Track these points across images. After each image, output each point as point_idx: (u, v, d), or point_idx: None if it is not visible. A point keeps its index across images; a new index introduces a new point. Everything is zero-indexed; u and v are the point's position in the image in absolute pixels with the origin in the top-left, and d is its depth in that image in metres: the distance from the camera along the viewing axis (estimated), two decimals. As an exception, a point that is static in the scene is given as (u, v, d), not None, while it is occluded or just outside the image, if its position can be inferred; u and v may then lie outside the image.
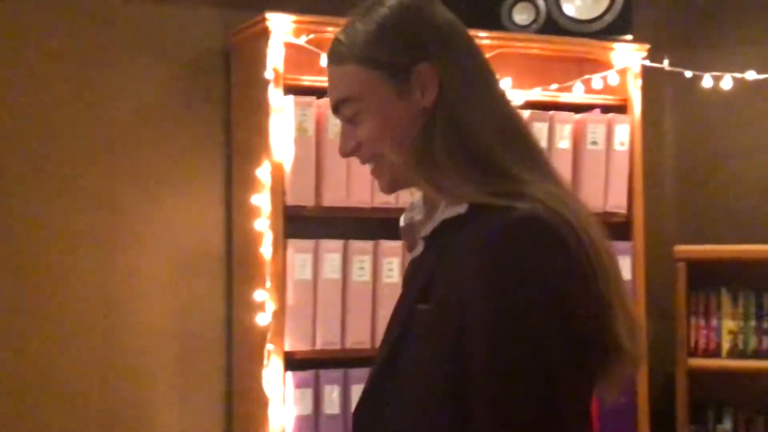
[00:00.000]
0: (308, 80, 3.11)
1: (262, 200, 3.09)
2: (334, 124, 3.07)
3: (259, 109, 3.10)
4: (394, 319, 1.66)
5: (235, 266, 3.34)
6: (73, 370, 3.22)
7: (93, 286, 3.24)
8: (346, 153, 1.66)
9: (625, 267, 3.51)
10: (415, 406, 1.53)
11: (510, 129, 1.61)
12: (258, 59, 3.10)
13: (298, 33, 3.07)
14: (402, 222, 1.74)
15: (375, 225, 3.19)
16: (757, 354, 3.74)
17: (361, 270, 3.13)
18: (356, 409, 1.65)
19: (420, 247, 1.64)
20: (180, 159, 3.36)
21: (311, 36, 3.08)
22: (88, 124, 3.26)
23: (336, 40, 1.64)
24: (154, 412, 3.33)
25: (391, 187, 1.66)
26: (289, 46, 3.07)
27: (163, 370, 3.33)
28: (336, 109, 1.65)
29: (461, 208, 1.54)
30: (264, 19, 3.05)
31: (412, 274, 1.67)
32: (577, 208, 1.55)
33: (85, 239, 3.24)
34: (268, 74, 3.03)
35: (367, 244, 3.13)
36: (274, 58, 3.05)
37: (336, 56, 1.63)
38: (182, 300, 3.34)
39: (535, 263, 1.46)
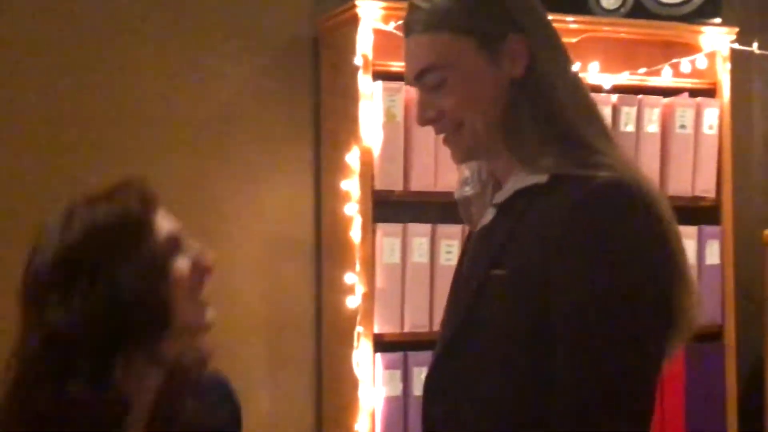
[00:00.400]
0: (397, 66, 3.14)
1: (351, 185, 3.13)
2: (423, 110, 3.10)
3: (348, 95, 3.15)
4: (461, 286, 1.71)
5: (325, 250, 3.39)
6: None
7: (187, 272, 3.33)
8: (425, 121, 1.67)
9: (714, 251, 3.50)
10: (499, 364, 1.57)
11: (586, 102, 1.67)
12: (347, 46, 3.15)
13: (386, 19, 3.11)
14: (456, 196, 1.78)
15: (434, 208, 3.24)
16: None
17: (448, 254, 3.16)
18: (430, 373, 1.69)
19: (489, 215, 1.67)
20: (269, 145, 3.42)
21: (399, 22, 3.10)
22: (180, 113, 3.33)
23: (416, 8, 1.64)
24: (246, 395, 3.37)
25: (466, 156, 1.69)
26: (378, 33, 3.11)
27: (255, 354, 3.41)
28: (419, 77, 1.64)
29: (542, 177, 1.58)
30: (354, 6, 3.09)
31: (480, 242, 1.70)
32: (648, 179, 1.60)
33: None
34: (358, 60, 3.07)
35: (455, 228, 3.15)
36: (364, 45, 3.09)
37: (420, 24, 1.62)
38: (273, 284, 3.40)
39: (624, 225, 1.51)
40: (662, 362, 1.56)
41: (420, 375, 3.13)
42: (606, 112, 3.36)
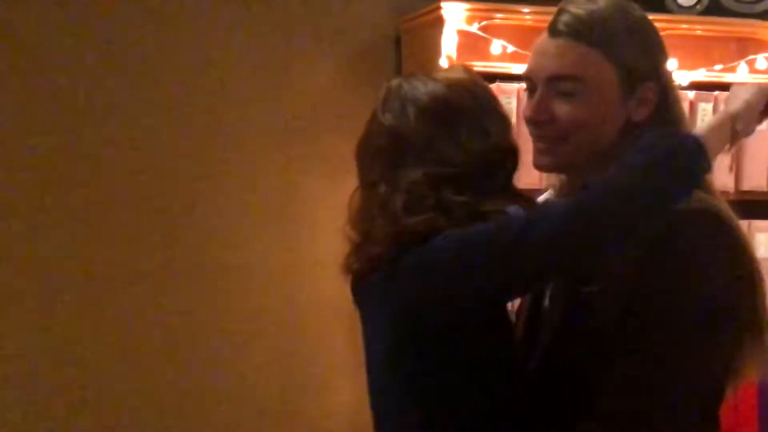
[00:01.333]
0: (479, 66, 3.20)
1: (435, 182, 3.20)
2: (506, 108, 3.16)
3: (433, 94, 3.21)
4: (542, 303, 1.76)
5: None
6: (256, 349, 3.45)
7: (274, 267, 3.44)
8: (535, 120, 1.67)
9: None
10: (598, 372, 1.60)
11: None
12: (431, 46, 3.23)
13: (470, 20, 3.18)
14: None
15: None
16: None
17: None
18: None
19: None
20: (352, 141, 3.48)
21: (483, 23, 3.18)
22: (264, 112, 3.44)
23: (573, 14, 1.65)
24: (329, 389, 3.51)
25: (554, 167, 1.73)
26: (462, 33, 3.18)
27: (338, 341, 3.50)
28: (553, 79, 1.65)
29: None
30: (438, 8, 3.16)
31: None
32: (728, 209, 1.68)
33: (266, 221, 3.42)
34: (443, 61, 3.14)
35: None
36: (449, 46, 3.16)
37: (575, 32, 1.64)
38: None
39: (707, 247, 1.58)
40: (726, 381, 1.63)
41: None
42: (683, 109, 3.41)
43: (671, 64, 3.36)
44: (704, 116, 3.44)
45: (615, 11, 1.66)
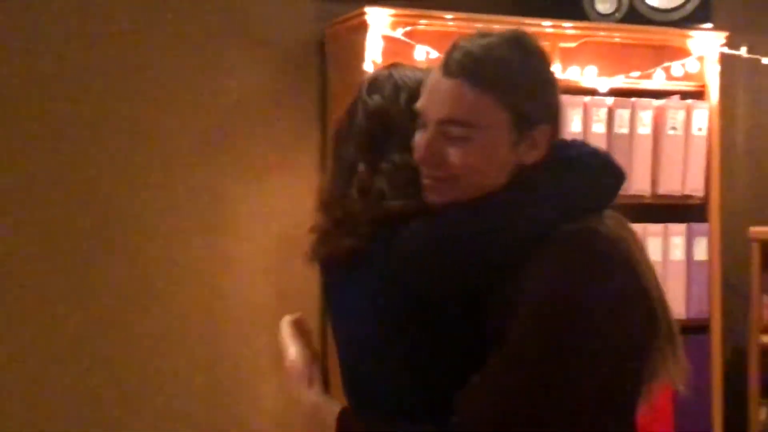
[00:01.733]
0: (403, 71, 3.25)
1: (359, 186, 3.23)
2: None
3: (357, 99, 3.24)
4: None
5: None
6: (179, 351, 3.42)
7: (197, 272, 3.43)
8: (428, 162, 1.62)
9: (702, 247, 3.64)
10: None
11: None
12: (355, 51, 3.25)
13: (394, 26, 3.21)
14: None
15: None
16: (828, 331, 3.86)
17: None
18: None
19: None
20: (277, 146, 3.51)
21: (407, 29, 3.22)
22: (188, 116, 3.42)
23: (470, 56, 1.59)
24: (255, 392, 3.51)
25: (442, 202, 1.64)
26: (386, 39, 3.21)
27: (263, 346, 3.50)
28: (444, 122, 1.60)
29: None
30: (363, 13, 3.19)
31: None
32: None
33: (190, 228, 3.42)
34: (367, 66, 3.17)
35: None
36: (373, 51, 3.18)
37: (470, 74, 1.58)
38: (281, 283, 3.50)
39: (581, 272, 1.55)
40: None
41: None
42: (602, 115, 3.49)
43: (590, 71, 3.48)
44: (621, 123, 3.52)
45: (510, 49, 1.61)
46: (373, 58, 3.18)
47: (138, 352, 3.36)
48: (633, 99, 3.55)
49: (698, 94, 3.66)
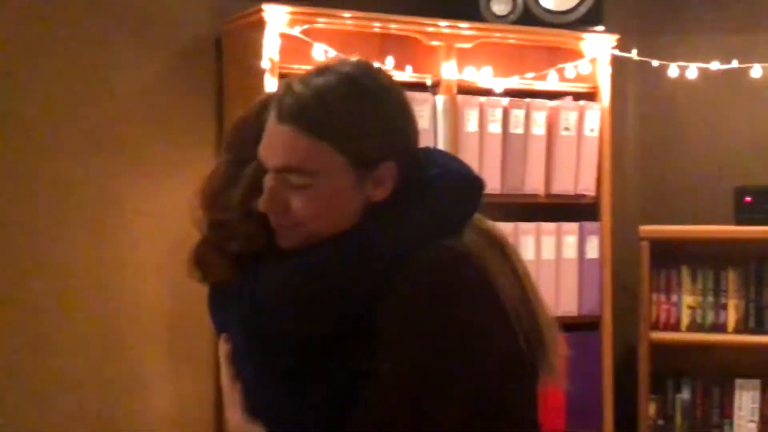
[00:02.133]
0: (300, 69, 3.22)
1: (256, 184, 3.20)
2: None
3: (254, 97, 3.15)
4: None
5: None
6: (71, 353, 3.34)
7: (88, 272, 3.35)
8: (272, 210, 1.58)
9: (593, 246, 3.71)
10: None
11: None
12: (253, 48, 3.22)
13: (292, 24, 3.19)
14: None
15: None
16: (715, 328, 3.96)
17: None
18: None
19: None
20: (171, 145, 3.46)
21: (305, 26, 3.20)
22: (79, 113, 3.34)
23: (301, 101, 1.54)
24: (148, 392, 3.46)
25: (291, 246, 1.60)
26: (283, 36, 3.19)
27: (156, 348, 3.46)
28: (282, 171, 1.56)
29: None
30: (260, 10, 3.16)
31: None
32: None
33: (81, 227, 3.34)
34: (264, 64, 3.15)
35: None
36: (270, 48, 3.17)
37: (304, 121, 1.54)
38: (174, 284, 3.45)
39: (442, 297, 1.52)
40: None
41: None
42: (497, 115, 3.53)
43: (486, 71, 3.52)
44: (516, 123, 3.57)
45: (345, 91, 1.55)
46: (270, 56, 3.16)
47: (28, 353, 3.28)
48: (528, 100, 3.60)
49: (590, 96, 3.74)
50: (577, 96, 3.72)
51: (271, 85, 3.15)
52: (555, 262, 3.65)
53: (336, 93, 1.55)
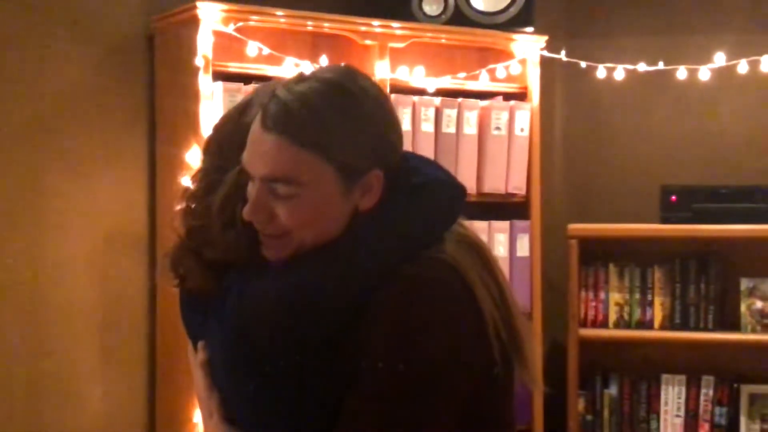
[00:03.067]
0: (235, 67, 3.24)
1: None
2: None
3: (187, 94, 3.20)
4: None
5: (160, 245, 3.43)
6: (1, 351, 3.28)
7: (17, 266, 3.30)
8: (257, 219, 1.57)
9: (524, 244, 3.76)
10: None
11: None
12: (186, 45, 3.21)
13: (226, 21, 3.18)
14: None
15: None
16: (641, 324, 4.03)
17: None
18: None
19: None
20: (103, 141, 3.43)
21: (239, 24, 3.20)
22: (9, 108, 3.29)
23: (286, 109, 1.52)
24: (78, 388, 3.41)
25: (278, 258, 1.60)
26: (217, 34, 3.18)
27: (88, 347, 3.42)
28: (268, 180, 1.54)
29: None
30: (194, 7, 3.15)
31: None
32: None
33: (9, 221, 3.29)
34: (198, 61, 3.13)
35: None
36: (204, 46, 3.15)
37: (290, 131, 1.52)
38: (106, 279, 3.42)
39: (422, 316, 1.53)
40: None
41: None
42: (430, 115, 3.56)
43: (418, 71, 3.55)
44: (449, 122, 3.60)
45: (330, 98, 1.54)
46: (204, 53, 3.14)
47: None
48: (459, 99, 3.63)
49: (520, 96, 3.78)
50: (508, 96, 3.76)
51: (204, 82, 3.14)
52: (486, 261, 3.67)
53: (321, 100, 1.53)
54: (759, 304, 3.95)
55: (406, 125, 3.51)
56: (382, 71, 3.46)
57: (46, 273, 3.35)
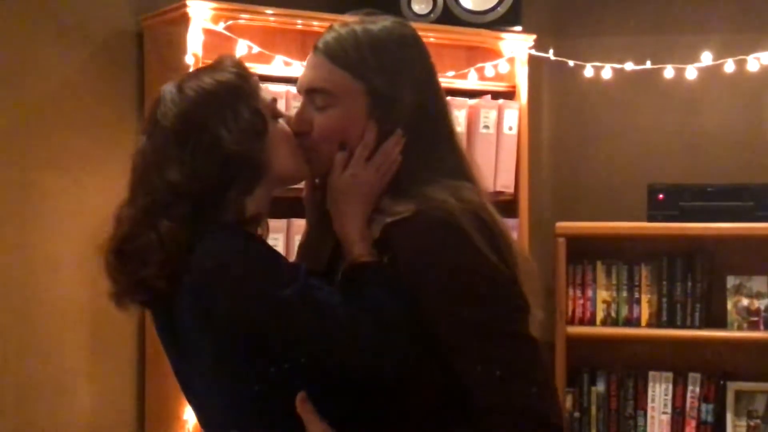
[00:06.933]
0: (225, 65, 3.24)
1: (179, 180, 3.19)
2: (251, 108, 3.22)
3: (177, 92, 3.20)
4: None
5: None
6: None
7: (6, 266, 3.30)
8: (299, 129, 1.79)
9: (512, 243, 3.77)
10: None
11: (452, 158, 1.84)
12: (176, 44, 3.21)
13: (216, 19, 3.19)
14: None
15: (288, 204, 3.34)
16: (628, 322, 4.06)
17: (274, 246, 3.27)
18: None
19: None
20: (93, 139, 3.43)
21: (229, 22, 3.20)
22: (3, 108, 3.29)
23: (337, 37, 1.78)
24: (69, 385, 3.42)
25: (316, 173, 1.83)
26: (207, 32, 3.18)
27: (78, 344, 3.43)
28: (309, 92, 1.79)
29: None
30: (184, 5, 3.15)
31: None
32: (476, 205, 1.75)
33: (2, 224, 3.30)
34: (189, 59, 3.14)
35: (281, 223, 3.30)
36: (194, 44, 3.15)
37: (334, 56, 1.76)
38: (97, 277, 3.38)
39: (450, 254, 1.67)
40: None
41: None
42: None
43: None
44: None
45: (377, 33, 1.78)
46: (194, 51, 3.15)
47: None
48: (448, 98, 3.62)
49: (509, 94, 3.79)
50: (496, 95, 3.77)
51: (194, 80, 3.14)
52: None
53: (364, 32, 1.78)
54: (745, 301, 3.98)
55: (395, 123, 3.51)
56: (371, 70, 3.47)
57: (36, 272, 3.35)
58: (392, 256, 1.70)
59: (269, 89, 3.26)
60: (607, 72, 3.86)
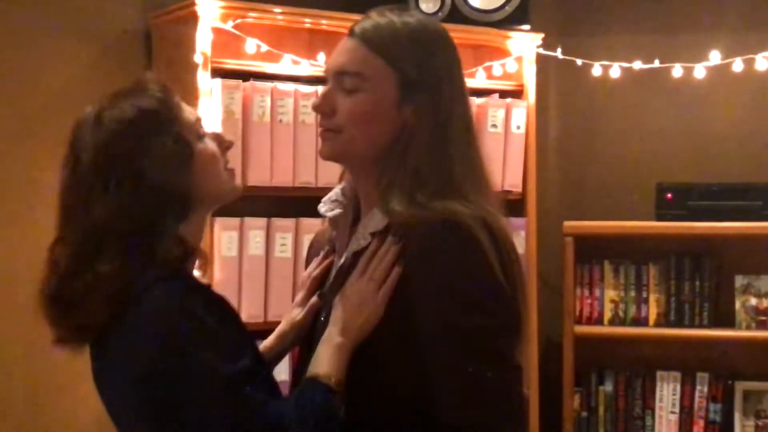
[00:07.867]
0: (233, 64, 3.23)
1: (188, 179, 3.19)
2: (260, 107, 3.22)
3: (187, 91, 3.17)
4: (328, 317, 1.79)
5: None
6: (2, 348, 3.29)
7: (14, 263, 3.29)
8: (321, 110, 1.79)
9: (520, 242, 3.75)
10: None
11: (470, 161, 1.82)
12: (185, 42, 3.20)
13: (225, 18, 3.18)
14: (328, 214, 1.90)
15: (296, 204, 3.35)
16: (636, 321, 4.06)
17: (283, 246, 3.28)
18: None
19: (362, 242, 1.79)
20: (99, 137, 3.42)
21: (237, 21, 3.20)
22: (5, 105, 3.29)
23: (373, 24, 1.78)
24: (76, 385, 3.40)
25: (331, 157, 1.82)
26: (216, 31, 3.17)
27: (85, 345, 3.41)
28: (338, 74, 1.78)
29: (379, 224, 1.76)
30: (193, 4, 3.14)
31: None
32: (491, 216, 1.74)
33: (6, 217, 3.29)
34: (197, 58, 3.13)
35: (289, 222, 3.29)
36: (203, 43, 3.15)
37: (369, 41, 1.76)
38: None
39: (456, 261, 1.67)
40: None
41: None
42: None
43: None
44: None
45: (412, 25, 1.79)
46: (203, 50, 3.14)
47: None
48: (455, 96, 3.63)
49: (516, 94, 3.79)
50: (504, 94, 3.77)
51: (203, 79, 3.13)
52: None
53: (403, 23, 1.78)
54: (753, 301, 3.97)
55: (403, 122, 3.51)
56: (379, 68, 3.46)
57: (42, 269, 3.33)
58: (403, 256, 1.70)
59: (278, 88, 3.26)
60: (615, 71, 3.85)
